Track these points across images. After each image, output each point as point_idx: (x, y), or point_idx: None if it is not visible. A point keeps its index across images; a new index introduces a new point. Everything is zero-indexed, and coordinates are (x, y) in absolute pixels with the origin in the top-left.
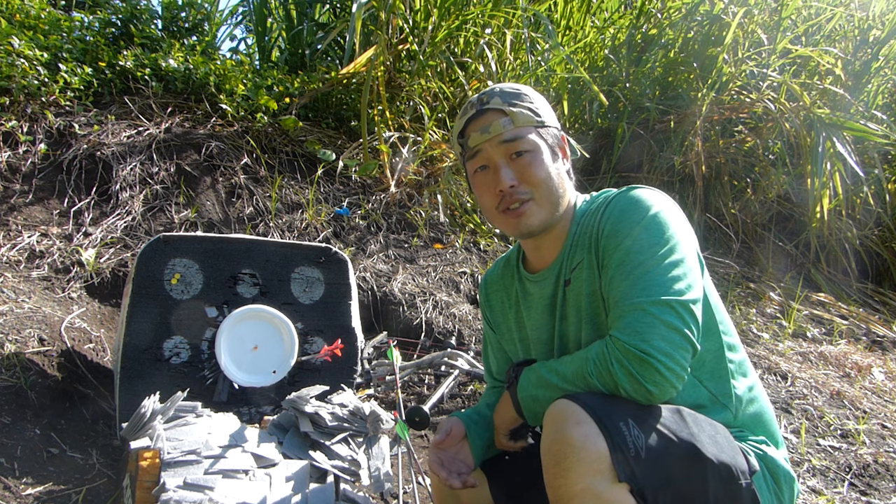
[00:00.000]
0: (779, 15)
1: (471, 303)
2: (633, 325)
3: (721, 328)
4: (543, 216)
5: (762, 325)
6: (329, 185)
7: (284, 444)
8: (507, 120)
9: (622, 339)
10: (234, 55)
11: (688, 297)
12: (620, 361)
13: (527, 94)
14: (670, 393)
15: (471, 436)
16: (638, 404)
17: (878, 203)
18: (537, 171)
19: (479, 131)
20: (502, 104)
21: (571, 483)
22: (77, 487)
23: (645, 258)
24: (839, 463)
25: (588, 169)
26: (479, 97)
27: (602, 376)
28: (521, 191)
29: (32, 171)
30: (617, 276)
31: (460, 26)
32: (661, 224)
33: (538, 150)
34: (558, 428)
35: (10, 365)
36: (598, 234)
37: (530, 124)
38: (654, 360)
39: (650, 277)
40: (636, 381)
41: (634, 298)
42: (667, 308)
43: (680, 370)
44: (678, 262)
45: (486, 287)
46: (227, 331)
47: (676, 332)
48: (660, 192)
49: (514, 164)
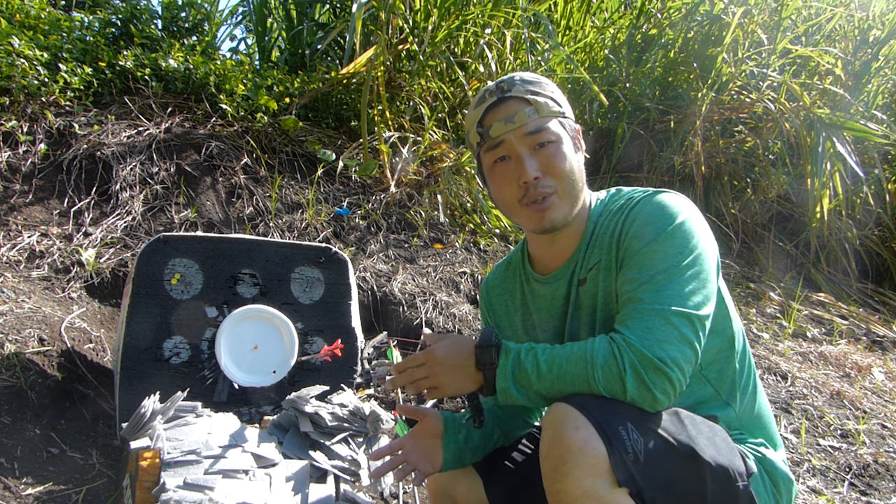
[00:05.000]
0: (779, 15)
1: (471, 303)
2: (652, 331)
3: (733, 329)
4: (566, 210)
5: (762, 325)
6: (329, 185)
7: (284, 444)
8: (531, 109)
9: (638, 344)
10: (234, 55)
11: (703, 311)
12: (635, 366)
13: (546, 83)
14: (670, 402)
15: (446, 435)
16: (636, 408)
17: (878, 203)
18: (561, 162)
19: (501, 121)
20: (524, 92)
21: (571, 487)
22: (77, 487)
23: (668, 266)
24: (839, 463)
25: (588, 169)
26: (499, 84)
27: (610, 382)
28: (544, 183)
29: (32, 171)
30: (637, 279)
31: (460, 26)
32: (687, 233)
33: (561, 140)
34: (557, 432)
35: (10, 365)
36: (621, 235)
37: (553, 114)
38: (669, 369)
39: (672, 286)
40: (646, 388)
41: (656, 304)
42: (686, 321)
43: (685, 382)
44: (699, 275)
45: (487, 292)
46: (228, 331)
47: (690, 347)
48: (685, 199)
49: (537, 155)
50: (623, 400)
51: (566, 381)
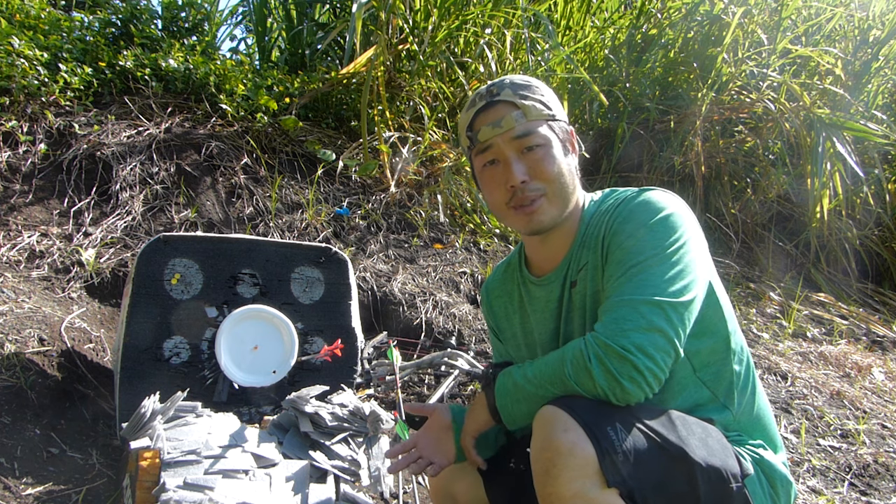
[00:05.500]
0: (779, 15)
1: (471, 303)
2: (618, 322)
3: (729, 330)
4: (555, 213)
5: (762, 325)
6: (329, 185)
7: (284, 444)
8: (518, 113)
9: (603, 336)
10: (234, 55)
11: (681, 299)
12: (599, 357)
13: (537, 86)
14: (645, 394)
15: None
16: (626, 408)
17: (878, 203)
18: (550, 166)
19: (489, 125)
20: (513, 96)
21: (561, 489)
22: (77, 487)
23: (645, 258)
24: (839, 463)
25: (588, 169)
26: (489, 88)
27: (579, 375)
28: (532, 186)
29: (32, 171)
30: (615, 274)
31: (460, 26)
32: (668, 226)
33: (550, 144)
34: (546, 435)
35: (10, 365)
36: (606, 234)
37: (542, 118)
38: (633, 356)
39: (646, 277)
40: (612, 378)
41: (626, 295)
42: (656, 308)
43: (658, 372)
44: (678, 264)
45: (487, 294)
46: (228, 331)
47: (660, 334)
48: (673, 195)
49: (525, 159)
50: (595, 394)
51: (545, 385)
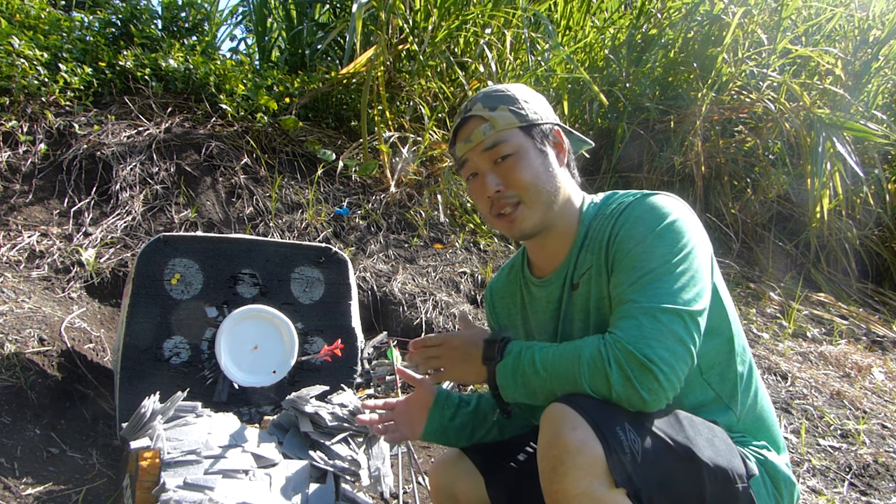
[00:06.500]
0: (779, 15)
1: (471, 303)
2: (641, 329)
3: (733, 331)
4: (536, 218)
5: (762, 325)
6: (329, 185)
7: (284, 444)
8: (486, 126)
9: (625, 342)
10: (234, 55)
11: (695, 307)
12: (620, 363)
13: (510, 94)
14: (661, 404)
15: (433, 409)
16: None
17: (878, 203)
18: (522, 174)
19: (463, 141)
20: (483, 109)
21: (568, 487)
22: (77, 487)
23: (657, 265)
24: (839, 463)
25: (588, 169)
26: (465, 105)
27: (595, 379)
28: (507, 195)
29: (32, 171)
30: (625, 281)
31: (460, 26)
32: (676, 232)
33: (522, 151)
34: (554, 433)
35: (10, 365)
36: (611, 239)
37: (512, 126)
38: (657, 367)
39: (661, 284)
40: (632, 387)
41: (645, 303)
42: (676, 318)
43: (676, 382)
44: (688, 272)
45: (491, 297)
46: (228, 331)
47: (681, 344)
48: (677, 200)
49: (498, 169)
50: (607, 398)
51: (557, 379)
